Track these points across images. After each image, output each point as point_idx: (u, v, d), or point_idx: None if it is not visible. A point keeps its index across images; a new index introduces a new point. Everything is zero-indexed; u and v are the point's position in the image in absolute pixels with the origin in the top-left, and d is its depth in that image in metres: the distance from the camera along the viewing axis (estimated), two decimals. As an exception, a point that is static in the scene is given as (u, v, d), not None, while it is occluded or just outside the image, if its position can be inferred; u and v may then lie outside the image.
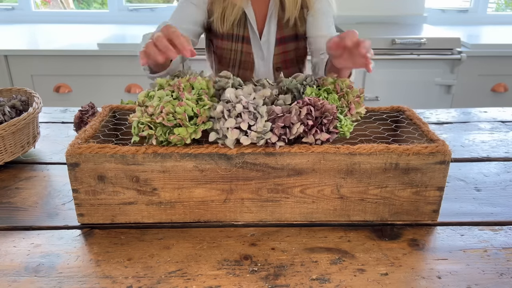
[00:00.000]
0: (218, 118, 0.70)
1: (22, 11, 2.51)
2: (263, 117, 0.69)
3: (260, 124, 0.68)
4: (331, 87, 0.82)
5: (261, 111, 0.70)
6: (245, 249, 0.70)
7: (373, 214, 0.76)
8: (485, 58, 2.14)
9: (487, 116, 1.28)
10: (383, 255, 0.69)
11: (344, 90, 0.82)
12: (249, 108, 0.69)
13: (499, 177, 0.93)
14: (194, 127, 0.70)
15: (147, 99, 0.74)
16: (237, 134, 0.68)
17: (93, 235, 0.73)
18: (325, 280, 0.63)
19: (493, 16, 2.65)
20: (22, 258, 0.68)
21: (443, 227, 0.76)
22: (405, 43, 2.03)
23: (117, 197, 0.73)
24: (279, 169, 0.72)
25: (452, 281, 0.63)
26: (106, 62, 2.04)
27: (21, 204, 0.82)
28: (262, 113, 0.70)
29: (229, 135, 0.68)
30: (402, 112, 0.90)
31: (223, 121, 0.69)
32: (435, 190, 0.74)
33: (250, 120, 0.68)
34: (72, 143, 0.72)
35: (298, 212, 0.76)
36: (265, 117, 0.70)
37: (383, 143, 0.79)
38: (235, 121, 0.68)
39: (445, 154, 0.72)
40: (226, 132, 0.68)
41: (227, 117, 0.69)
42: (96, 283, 0.62)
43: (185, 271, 0.65)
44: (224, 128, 0.68)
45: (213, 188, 0.73)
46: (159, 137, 0.71)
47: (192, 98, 0.71)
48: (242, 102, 0.69)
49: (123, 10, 2.51)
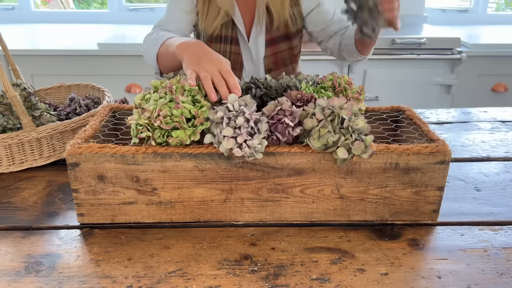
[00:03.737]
0: (217, 123, 0.70)
1: (22, 11, 2.51)
2: (261, 134, 0.69)
3: (256, 141, 0.68)
4: (329, 84, 0.83)
5: (261, 128, 0.69)
6: (245, 249, 0.70)
7: (373, 214, 0.76)
8: (485, 58, 2.14)
9: (487, 116, 1.28)
10: (383, 255, 0.69)
11: (342, 86, 0.82)
12: (250, 122, 0.68)
13: (499, 177, 0.93)
14: (192, 129, 0.70)
15: (144, 102, 0.73)
16: (232, 144, 0.68)
17: (93, 235, 0.73)
18: (325, 280, 0.63)
19: (493, 16, 2.65)
20: (22, 258, 0.68)
21: (443, 227, 0.76)
22: (405, 43, 2.03)
23: (117, 197, 0.73)
24: (279, 169, 0.72)
25: (452, 281, 0.63)
26: (106, 62, 2.04)
27: (21, 204, 0.82)
28: (261, 129, 0.69)
29: (224, 144, 0.68)
30: (402, 112, 0.90)
31: (221, 127, 0.68)
32: (435, 190, 0.74)
33: (247, 136, 0.68)
34: (72, 143, 0.72)
35: (298, 212, 0.76)
36: (262, 134, 0.69)
37: (383, 143, 0.79)
38: (233, 132, 0.68)
39: (445, 154, 0.72)
40: (222, 139, 0.68)
41: (225, 126, 0.68)
42: (96, 283, 0.62)
43: (185, 271, 0.65)
44: (221, 135, 0.68)
45: (213, 188, 0.73)
46: (157, 139, 0.71)
47: (188, 100, 0.71)
48: (245, 115, 0.68)
49: (123, 10, 2.51)
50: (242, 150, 0.68)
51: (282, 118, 0.70)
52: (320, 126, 0.69)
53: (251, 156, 0.69)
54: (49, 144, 0.93)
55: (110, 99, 1.05)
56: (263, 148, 0.69)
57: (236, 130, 0.68)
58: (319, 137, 0.69)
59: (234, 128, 0.68)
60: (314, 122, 0.70)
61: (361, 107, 0.82)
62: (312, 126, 0.70)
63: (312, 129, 0.70)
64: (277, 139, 0.71)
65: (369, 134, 0.71)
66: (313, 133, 0.70)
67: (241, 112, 0.69)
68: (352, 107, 0.71)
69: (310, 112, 0.71)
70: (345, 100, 0.71)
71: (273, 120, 0.70)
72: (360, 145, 0.68)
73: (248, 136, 0.68)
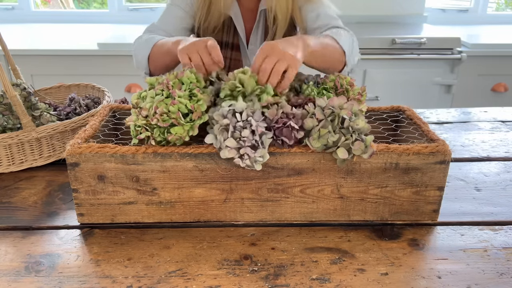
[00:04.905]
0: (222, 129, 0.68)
1: (22, 11, 2.51)
2: (265, 149, 0.68)
3: (258, 154, 0.67)
4: (331, 84, 0.82)
5: (265, 142, 0.68)
6: (245, 249, 0.70)
7: (373, 214, 0.76)
8: (485, 58, 2.14)
9: (487, 116, 1.28)
10: (383, 255, 0.69)
11: (344, 87, 0.82)
12: (256, 134, 0.67)
13: (499, 177, 0.93)
14: (190, 123, 0.70)
15: (140, 100, 0.73)
16: (233, 154, 0.67)
17: (93, 235, 0.73)
18: (325, 280, 0.63)
19: (493, 15, 2.65)
20: (22, 258, 0.68)
21: (443, 227, 0.76)
22: (405, 43, 2.03)
23: (117, 196, 0.73)
24: (279, 168, 0.72)
25: (452, 281, 0.63)
26: (106, 62, 2.04)
27: (21, 204, 0.82)
28: (265, 143, 0.68)
29: (226, 153, 0.67)
30: (402, 111, 0.90)
31: (225, 135, 0.67)
32: (435, 190, 0.74)
33: (250, 150, 0.67)
34: (72, 143, 0.72)
35: (298, 212, 0.76)
36: (266, 148, 0.69)
37: (383, 143, 0.79)
38: (236, 143, 0.67)
39: (445, 153, 0.72)
40: (224, 147, 0.67)
41: (229, 135, 0.67)
42: (96, 283, 0.62)
43: (185, 271, 0.65)
44: (223, 143, 0.67)
45: (213, 188, 0.73)
46: (157, 138, 0.70)
47: (184, 95, 0.70)
48: (252, 127, 0.67)
49: (123, 10, 2.51)
50: (243, 162, 0.68)
51: (287, 121, 0.69)
52: (320, 126, 0.69)
53: (250, 167, 0.68)
54: (49, 144, 0.93)
55: (110, 99, 1.05)
56: (264, 160, 0.68)
57: (240, 141, 0.67)
58: (319, 137, 0.69)
59: (238, 139, 0.67)
60: (315, 122, 0.70)
61: (362, 108, 0.81)
62: (312, 126, 0.70)
63: (312, 129, 0.70)
64: (283, 143, 0.71)
65: (369, 134, 0.70)
66: (313, 133, 0.70)
67: (248, 124, 0.67)
68: (352, 107, 0.70)
69: (311, 111, 0.71)
70: (345, 100, 0.71)
71: (278, 124, 0.69)
72: (360, 145, 0.68)
73: (252, 150, 0.67)
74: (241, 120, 0.68)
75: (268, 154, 0.69)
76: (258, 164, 0.68)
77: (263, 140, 0.68)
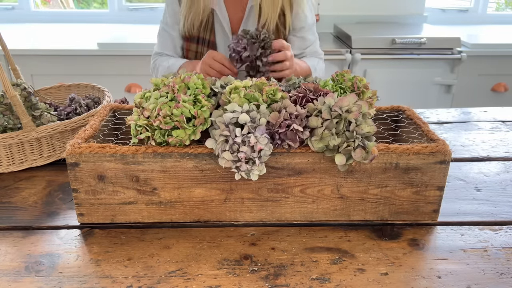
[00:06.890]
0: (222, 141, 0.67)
1: (22, 11, 2.51)
2: (261, 164, 0.68)
3: (254, 168, 0.67)
4: (348, 84, 0.82)
5: (264, 158, 0.68)
6: (245, 248, 0.70)
7: (373, 214, 0.76)
8: (485, 58, 2.14)
9: (487, 116, 1.28)
10: (383, 254, 0.69)
11: (360, 89, 0.82)
12: (254, 151, 0.66)
13: (499, 177, 0.93)
14: (192, 128, 0.70)
15: (144, 100, 0.73)
16: (230, 164, 0.67)
17: (93, 234, 0.73)
18: (325, 280, 0.63)
19: (493, 15, 2.65)
20: (22, 258, 0.68)
21: (443, 227, 0.76)
22: (405, 43, 2.03)
23: (117, 196, 0.73)
24: (279, 168, 0.72)
25: (452, 281, 0.63)
26: (106, 62, 2.04)
27: (21, 204, 0.82)
28: (263, 159, 0.68)
29: (222, 163, 0.67)
30: (402, 111, 0.90)
31: (223, 147, 0.67)
32: (435, 190, 0.74)
33: (246, 165, 0.67)
34: (72, 143, 0.72)
35: (298, 212, 0.76)
36: (263, 163, 0.68)
37: (383, 142, 0.79)
38: (232, 157, 0.66)
39: (445, 153, 0.72)
40: (221, 158, 0.67)
41: (228, 148, 0.67)
42: (96, 283, 0.62)
43: (185, 271, 0.65)
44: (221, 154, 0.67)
45: (213, 188, 0.73)
46: (157, 139, 0.70)
47: (189, 100, 0.70)
48: (250, 143, 0.66)
49: (123, 10, 2.51)
50: (239, 173, 0.68)
51: (290, 124, 0.69)
52: (324, 127, 0.69)
53: (246, 176, 0.68)
54: (49, 144, 0.93)
55: (110, 99, 1.05)
56: (261, 173, 0.68)
57: (238, 154, 0.66)
58: (321, 139, 0.69)
59: (235, 153, 0.67)
60: (319, 122, 0.69)
61: (371, 111, 0.81)
62: (316, 126, 0.69)
63: (315, 129, 0.70)
64: (290, 146, 0.70)
65: (372, 137, 0.70)
66: (316, 134, 0.69)
67: (247, 138, 0.66)
68: (361, 108, 0.69)
69: (318, 108, 0.70)
70: (356, 98, 0.69)
71: (282, 128, 0.69)
72: (362, 153, 0.67)
73: (247, 165, 0.67)
74: (240, 136, 0.67)
75: (265, 169, 0.69)
76: (255, 175, 0.68)
77: (262, 154, 0.68)
